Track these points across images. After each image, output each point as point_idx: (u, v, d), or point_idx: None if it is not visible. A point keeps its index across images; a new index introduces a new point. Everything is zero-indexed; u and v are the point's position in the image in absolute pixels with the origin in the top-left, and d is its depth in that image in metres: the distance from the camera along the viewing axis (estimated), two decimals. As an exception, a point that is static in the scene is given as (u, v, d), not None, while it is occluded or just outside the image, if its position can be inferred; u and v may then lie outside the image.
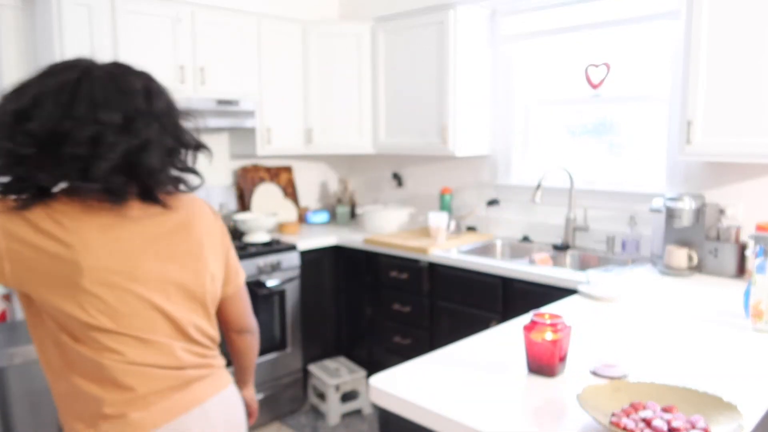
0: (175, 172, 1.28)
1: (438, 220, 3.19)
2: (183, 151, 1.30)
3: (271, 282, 3.18)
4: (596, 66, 3.08)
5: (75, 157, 1.11)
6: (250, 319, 1.51)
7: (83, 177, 1.12)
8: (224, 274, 1.38)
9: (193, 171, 1.34)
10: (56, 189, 1.18)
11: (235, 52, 3.38)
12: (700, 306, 2.08)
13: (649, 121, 2.97)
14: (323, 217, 4.06)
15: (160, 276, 1.21)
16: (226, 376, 1.35)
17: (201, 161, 1.43)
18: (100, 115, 1.13)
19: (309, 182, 4.25)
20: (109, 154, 1.13)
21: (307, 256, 3.41)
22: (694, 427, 1.11)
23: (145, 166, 1.18)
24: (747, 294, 1.91)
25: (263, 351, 3.21)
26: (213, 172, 3.72)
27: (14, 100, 1.14)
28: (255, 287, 3.08)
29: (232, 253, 1.43)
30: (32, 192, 1.15)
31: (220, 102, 3.31)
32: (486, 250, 3.28)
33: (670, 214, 2.54)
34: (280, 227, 3.64)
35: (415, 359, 1.60)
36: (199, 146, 1.35)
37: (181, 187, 1.30)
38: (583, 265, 3.01)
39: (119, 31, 2.92)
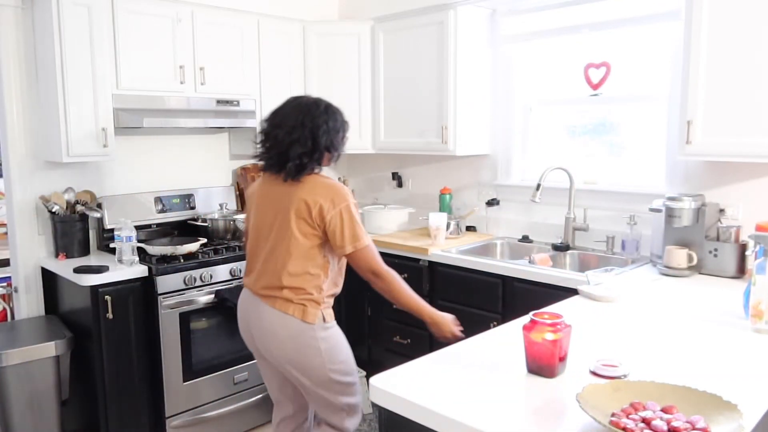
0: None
1: (438, 220, 3.19)
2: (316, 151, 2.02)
3: (271, 282, 3.18)
4: (596, 66, 3.08)
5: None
6: (376, 269, 2.05)
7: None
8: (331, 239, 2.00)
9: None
10: None
11: (235, 52, 3.38)
12: (700, 306, 2.08)
13: (649, 121, 2.97)
14: (323, 217, 4.05)
15: None
16: (285, 311, 2.00)
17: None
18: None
19: (309, 182, 4.24)
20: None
21: (307, 256, 3.41)
22: (693, 427, 1.11)
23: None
24: (747, 294, 1.90)
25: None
26: (213, 172, 3.72)
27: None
28: (255, 287, 3.07)
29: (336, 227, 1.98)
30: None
31: (220, 102, 3.31)
32: (486, 250, 3.28)
33: (670, 214, 2.54)
34: (280, 227, 3.64)
35: (416, 359, 1.60)
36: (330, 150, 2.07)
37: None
38: (583, 265, 3.01)
39: (119, 31, 2.92)
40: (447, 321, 2.12)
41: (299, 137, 1.99)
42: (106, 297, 2.67)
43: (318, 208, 1.96)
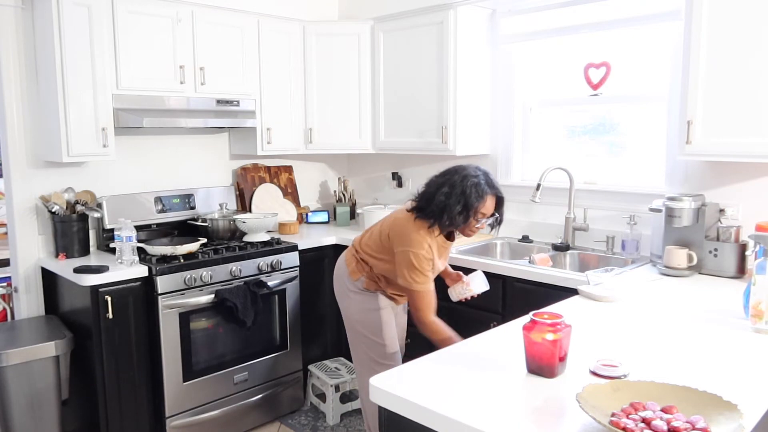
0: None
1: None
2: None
3: (271, 282, 3.18)
4: (596, 66, 3.08)
5: None
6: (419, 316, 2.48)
7: None
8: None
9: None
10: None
11: (235, 51, 3.38)
12: (700, 306, 2.08)
13: (649, 121, 2.97)
14: (323, 216, 4.06)
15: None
16: (347, 259, 2.59)
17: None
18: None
19: (309, 182, 4.25)
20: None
21: (307, 255, 3.41)
22: (693, 427, 1.11)
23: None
24: (747, 294, 1.91)
25: (263, 351, 3.22)
26: (213, 172, 3.72)
27: None
28: (255, 287, 3.07)
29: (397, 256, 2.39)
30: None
31: (220, 102, 3.31)
32: (486, 249, 3.28)
33: (670, 214, 2.54)
34: (280, 227, 3.64)
35: (416, 359, 1.60)
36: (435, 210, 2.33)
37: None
38: (583, 265, 3.01)
39: (119, 31, 2.92)
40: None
41: (428, 185, 2.41)
42: (106, 297, 2.67)
43: (388, 237, 2.44)
